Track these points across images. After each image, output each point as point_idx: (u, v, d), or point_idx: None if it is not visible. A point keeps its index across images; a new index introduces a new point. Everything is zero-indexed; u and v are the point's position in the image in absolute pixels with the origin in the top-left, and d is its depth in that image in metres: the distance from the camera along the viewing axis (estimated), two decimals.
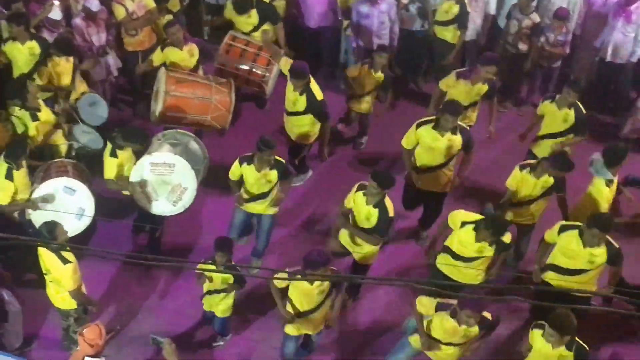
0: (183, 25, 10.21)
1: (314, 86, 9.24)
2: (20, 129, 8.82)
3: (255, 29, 10.30)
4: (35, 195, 8.17)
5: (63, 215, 7.85)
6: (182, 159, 8.40)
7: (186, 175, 8.42)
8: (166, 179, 8.38)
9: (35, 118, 8.81)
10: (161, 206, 8.51)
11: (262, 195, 8.61)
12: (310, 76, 9.19)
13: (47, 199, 8.11)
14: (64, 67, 9.53)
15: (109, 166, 8.39)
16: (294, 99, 9.24)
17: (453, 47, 11.04)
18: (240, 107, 10.54)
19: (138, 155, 8.50)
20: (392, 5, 10.88)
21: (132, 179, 8.38)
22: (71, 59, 9.56)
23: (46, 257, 7.38)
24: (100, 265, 8.50)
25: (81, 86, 9.72)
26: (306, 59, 9.93)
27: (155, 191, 8.43)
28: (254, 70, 10.01)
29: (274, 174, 8.49)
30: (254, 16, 10.24)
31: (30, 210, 8.21)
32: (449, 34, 11.02)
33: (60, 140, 9.14)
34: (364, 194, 8.05)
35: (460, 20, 10.85)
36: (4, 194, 8.23)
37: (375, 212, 8.09)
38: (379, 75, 10.12)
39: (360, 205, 8.14)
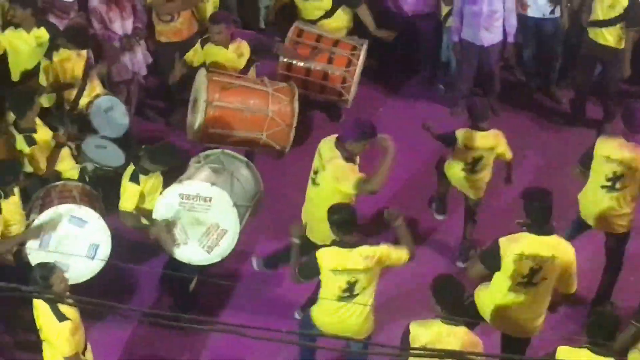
0: (233, 10, 9.40)
1: None
2: (18, 147, 8.14)
3: (327, 15, 9.32)
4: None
5: (70, 255, 7.26)
6: (221, 191, 7.48)
7: (226, 214, 7.51)
8: (200, 217, 7.48)
9: (31, 142, 8.06)
10: (190, 252, 7.58)
11: None
12: None
13: (46, 228, 7.37)
14: (74, 64, 8.67)
15: (126, 194, 7.60)
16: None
17: (618, 54, 9.10)
18: (310, 120, 9.56)
19: (167, 181, 7.63)
20: None
21: (155, 215, 7.51)
22: (84, 53, 8.65)
23: (40, 310, 6.66)
24: (116, 323, 7.81)
25: (95, 88, 8.86)
26: (396, 57, 9.72)
27: (184, 231, 7.52)
28: (330, 73, 9.17)
29: None
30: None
31: (29, 251, 7.40)
32: (613, 37, 9.13)
33: (67, 164, 8.29)
34: None
35: (631, 16, 8.90)
36: None
37: None
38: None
39: None
